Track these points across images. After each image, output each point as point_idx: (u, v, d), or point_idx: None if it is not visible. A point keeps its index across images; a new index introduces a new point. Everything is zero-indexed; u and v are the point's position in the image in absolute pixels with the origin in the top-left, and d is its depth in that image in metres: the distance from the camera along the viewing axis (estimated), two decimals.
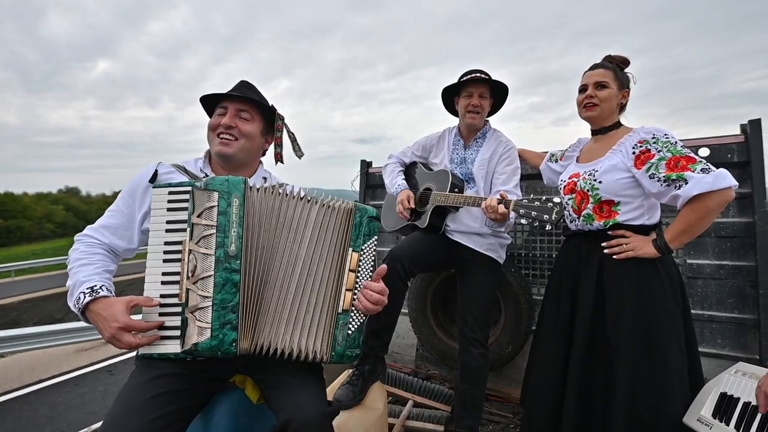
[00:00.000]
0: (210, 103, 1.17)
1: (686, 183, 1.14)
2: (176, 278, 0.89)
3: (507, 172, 1.61)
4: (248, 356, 0.93)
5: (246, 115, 1.12)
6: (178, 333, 0.89)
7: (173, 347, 0.88)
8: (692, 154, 1.20)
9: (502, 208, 1.31)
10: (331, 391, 1.47)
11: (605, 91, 1.36)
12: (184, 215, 0.91)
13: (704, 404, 1.05)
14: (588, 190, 1.34)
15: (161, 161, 1.10)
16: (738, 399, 0.97)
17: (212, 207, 0.89)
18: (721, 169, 1.14)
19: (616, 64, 1.39)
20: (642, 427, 1.15)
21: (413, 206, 1.69)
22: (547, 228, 1.25)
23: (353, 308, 0.96)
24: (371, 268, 1.00)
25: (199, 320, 0.87)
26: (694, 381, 1.23)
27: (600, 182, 1.31)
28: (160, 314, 0.89)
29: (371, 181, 2.59)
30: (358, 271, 0.97)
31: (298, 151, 1.23)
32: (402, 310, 2.33)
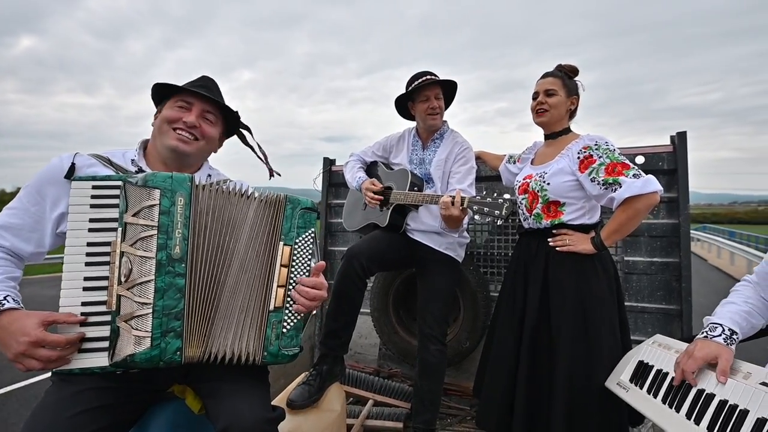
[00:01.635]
0: (164, 92, 1.07)
1: (620, 186, 1.25)
2: (103, 283, 0.81)
3: (461, 172, 1.65)
4: (188, 364, 0.86)
5: (211, 118, 1.07)
6: (105, 344, 0.80)
7: (100, 360, 0.79)
8: (627, 161, 1.30)
9: (457, 204, 1.33)
10: (287, 394, 1.41)
11: (554, 98, 1.44)
12: (112, 213, 0.82)
13: (623, 371, 1.14)
14: (538, 191, 1.43)
15: (78, 152, 0.96)
16: (652, 366, 1.06)
17: (152, 206, 0.81)
18: (650, 176, 1.25)
19: (565, 73, 1.48)
20: (578, 395, 1.25)
21: (381, 187, 1.69)
22: (498, 223, 1.29)
23: (288, 305, 0.91)
24: (308, 263, 0.94)
25: (136, 329, 0.79)
26: None
27: (548, 184, 1.40)
28: (83, 324, 0.79)
29: (334, 180, 2.53)
30: (293, 266, 0.91)
31: (270, 170, 1.19)
32: (364, 310, 2.33)
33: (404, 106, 1.78)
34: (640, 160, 1.94)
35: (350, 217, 1.94)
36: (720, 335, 0.95)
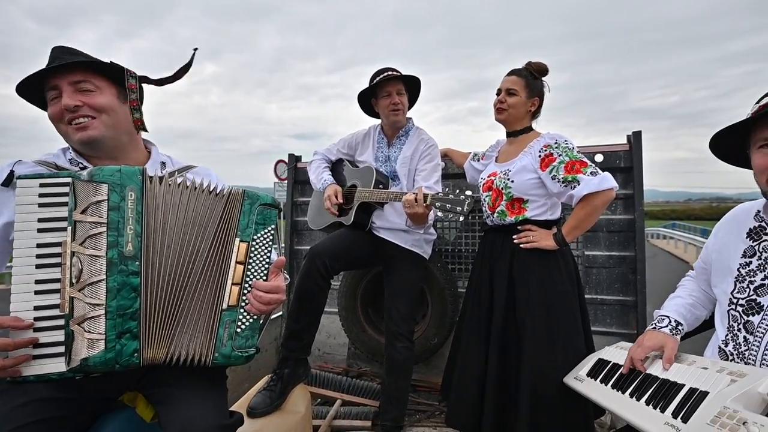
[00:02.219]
0: (33, 91, 0.91)
1: (579, 184, 1.34)
2: (55, 286, 0.78)
3: (427, 169, 1.68)
4: (140, 370, 0.85)
5: (88, 86, 0.89)
6: (62, 349, 0.78)
7: (56, 366, 0.77)
8: (585, 159, 1.39)
9: (420, 203, 1.36)
10: (248, 398, 1.39)
11: (514, 98, 1.50)
12: (61, 212, 0.79)
13: (584, 367, 1.23)
14: (502, 189, 1.50)
15: (21, 159, 0.90)
16: (609, 362, 1.14)
17: (101, 201, 0.79)
18: (606, 173, 1.34)
19: (531, 72, 1.53)
20: (542, 387, 1.31)
21: (341, 201, 1.69)
22: (460, 219, 1.33)
23: (243, 304, 0.89)
24: (267, 261, 0.92)
25: (89, 331, 0.77)
26: (588, 352, 1.42)
27: (512, 181, 1.47)
28: (36, 329, 0.77)
29: (300, 177, 2.52)
30: (249, 264, 0.89)
31: (179, 72, 1.00)
32: (332, 310, 2.33)
33: (368, 102, 1.80)
34: (599, 158, 2.06)
35: (315, 215, 1.95)
36: (667, 326, 1.05)
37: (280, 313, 2.47)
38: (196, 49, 1.07)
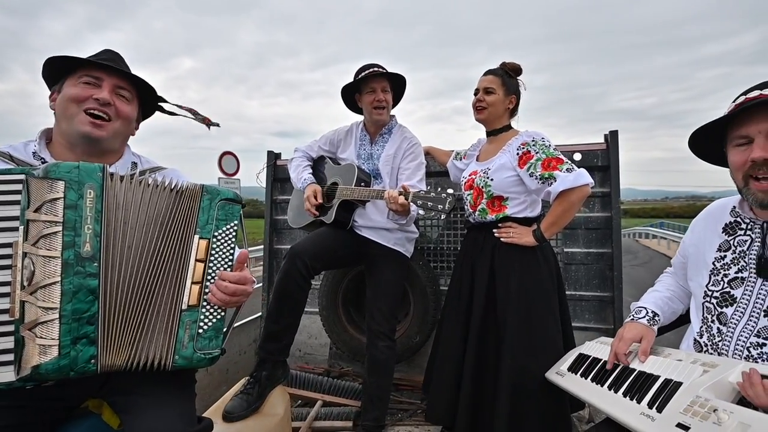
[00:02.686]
0: (62, 67, 0.96)
1: (555, 180, 1.36)
2: (5, 289, 0.74)
3: (411, 168, 1.68)
4: (101, 376, 0.81)
5: (126, 94, 0.99)
6: (10, 357, 0.73)
7: (5, 375, 0.73)
8: (561, 156, 1.41)
9: (401, 199, 1.37)
10: (224, 402, 1.37)
11: (492, 96, 1.52)
12: (14, 210, 0.75)
13: (565, 362, 1.25)
14: (483, 187, 1.51)
15: None
16: (590, 356, 1.17)
17: (56, 199, 0.75)
18: (581, 169, 1.36)
19: (506, 72, 1.55)
20: (521, 381, 1.34)
21: (321, 201, 1.67)
22: (441, 217, 1.34)
23: (206, 304, 0.86)
24: (230, 258, 0.89)
25: (42, 337, 0.73)
26: (567, 348, 1.45)
27: (492, 180, 1.49)
28: None
29: (279, 174, 2.48)
30: (210, 261, 0.86)
31: (204, 121, 1.15)
32: (313, 310, 2.31)
33: (352, 98, 1.79)
34: (577, 156, 2.10)
35: (295, 213, 1.92)
36: (644, 317, 1.08)
37: (259, 314, 2.44)
38: (216, 124, 1.25)
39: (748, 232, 0.95)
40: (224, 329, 0.89)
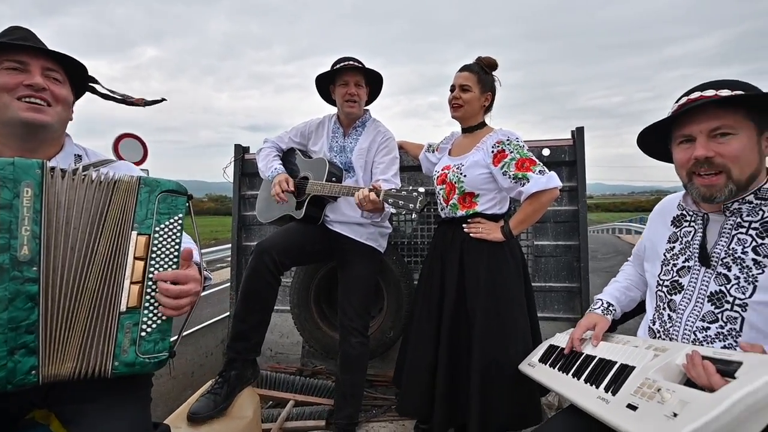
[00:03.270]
0: None
1: (528, 181, 1.40)
2: None
3: (385, 162, 1.68)
4: (44, 386, 0.76)
5: (58, 76, 0.93)
6: None
7: None
8: (534, 157, 1.46)
9: (373, 196, 1.37)
10: (190, 405, 1.33)
11: (468, 94, 1.53)
12: None
13: (536, 353, 1.32)
14: (455, 182, 1.54)
15: None
16: (558, 347, 1.24)
17: None
18: (552, 172, 1.42)
19: (482, 67, 1.56)
20: (492, 377, 1.39)
21: (292, 189, 1.64)
22: (413, 216, 1.36)
23: (148, 305, 0.81)
24: (176, 255, 0.84)
25: None
26: (534, 339, 1.53)
27: (465, 176, 1.51)
28: None
29: (247, 169, 2.41)
30: (152, 259, 0.81)
31: (138, 102, 1.07)
32: (284, 308, 2.28)
33: (327, 89, 1.76)
34: (546, 152, 2.17)
35: (264, 208, 1.88)
36: (599, 308, 1.20)
37: (227, 313, 2.39)
38: (163, 99, 1.17)
39: (692, 224, 1.02)
40: (170, 330, 0.84)
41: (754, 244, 0.89)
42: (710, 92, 0.89)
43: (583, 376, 1.02)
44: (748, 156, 0.88)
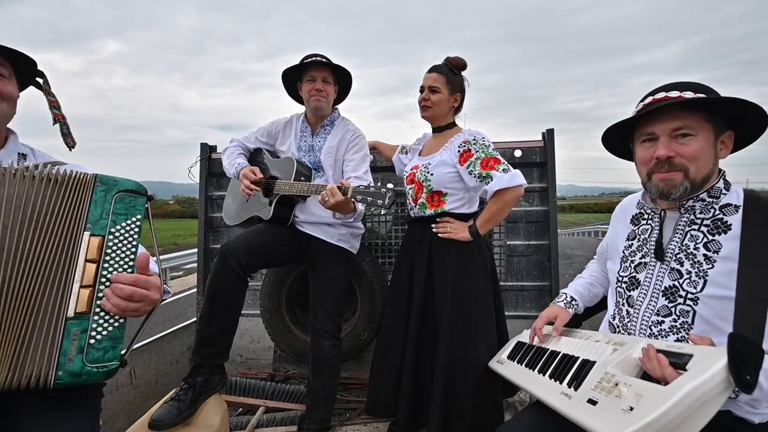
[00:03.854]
0: None
1: (492, 180, 1.43)
2: None
3: (356, 159, 1.67)
4: None
5: (4, 72, 0.90)
6: None
7: None
8: (499, 156, 1.49)
9: (339, 195, 1.36)
10: (152, 414, 1.29)
11: (437, 95, 1.56)
12: None
13: (505, 351, 1.36)
14: (423, 181, 1.56)
15: None
16: (525, 343, 1.28)
17: None
18: (516, 170, 1.46)
19: (451, 69, 1.59)
20: (455, 378, 1.41)
21: (261, 178, 1.62)
22: (382, 212, 1.37)
23: (99, 310, 0.77)
24: (131, 258, 0.81)
25: None
26: (501, 337, 1.57)
27: (432, 174, 1.54)
28: None
29: (214, 169, 2.36)
30: (105, 262, 0.78)
31: (67, 137, 1.03)
32: (254, 312, 2.25)
33: (294, 86, 1.75)
34: (518, 153, 2.24)
35: (231, 210, 1.84)
36: (562, 301, 1.26)
37: (194, 319, 2.33)
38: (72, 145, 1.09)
39: (650, 221, 1.07)
40: (122, 338, 0.80)
41: (705, 240, 0.94)
42: (675, 93, 0.94)
43: (548, 372, 1.05)
44: (705, 157, 0.92)
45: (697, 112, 0.92)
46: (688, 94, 0.92)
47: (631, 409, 0.75)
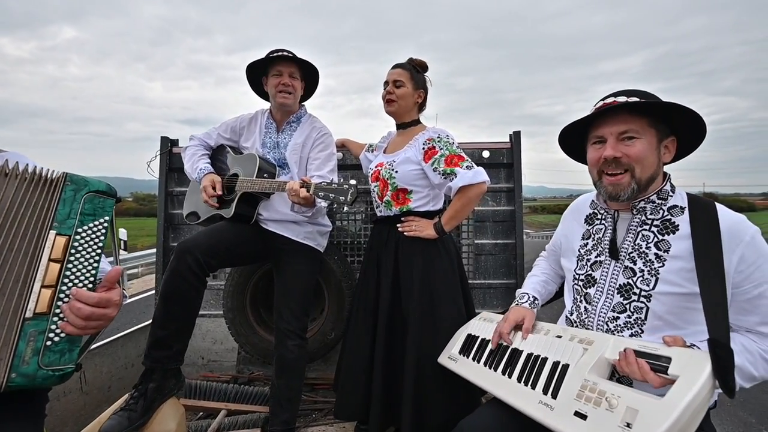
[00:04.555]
0: None
1: (456, 177, 1.47)
2: None
3: (321, 158, 1.67)
4: None
5: None
6: None
7: None
8: (463, 154, 1.53)
9: (303, 192, 1.36)
10: (100, 423, 1.24)
11: (402, 89, 1.59)
12: None
13: (455, 345, 1.35)
14: (388, 179, 1.58)
15: None
16: (478, 337, 1.29)
17: None
18: (479, 168, 1.50)
19: (414, 67, 1.63)
20: (426, 377, 1.42)
21: (220, 193, 1.59)
22: (344, 209, 1.38)
23: (58, 311, 0.76)
24: (95, 260, 0.80)
25: None
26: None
27: (397, 172, 1.56)
28: None
29: (175, 163, 2.29)
30: (69, 263, 0.77)
31: None
32: (216, 312, 2.20)
33: (260, 82, 1.73)
34: (486, 154, 2.30)
35: (192, 207, 1.80)
36: (526, 301, 1.26)
37: (150, 321, 2.26)
38: None
39: (603, 222, 1.13)
40: (81, 341, 0.79)
41: (656, 240, 0.99)
42: (622, 98, 1.00)
43: (515, 374, 1.03)
44: (649, 158, 0.99)
45: (641, 116, 0.99)
46: (634, 100, 0.99)
47: (628, 425, 0.74)
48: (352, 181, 1.39)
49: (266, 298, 2.18)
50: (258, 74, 1.71)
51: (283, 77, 1.62)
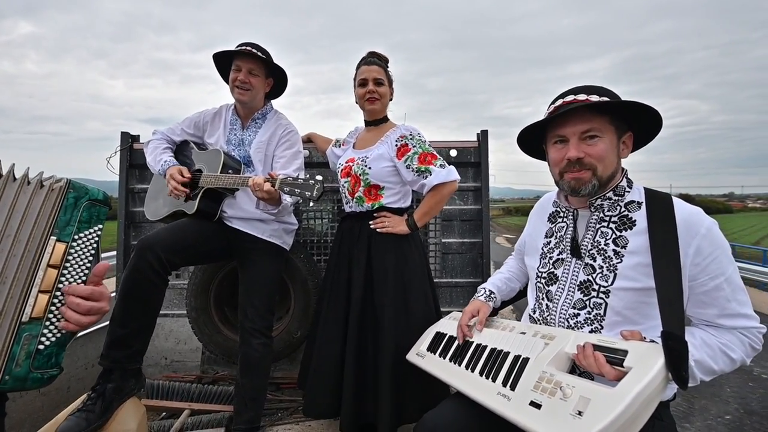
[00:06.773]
0: None
1: (430, 174, 1.57)
2: None
3: (286, 156, 1.70)
4: None
5: None
6: None
7: None
8: (435, 152, 1.63)
9: (267, 186, 1.39)
10: (57, 424, 1.27)
11: (383, 87, 1.68)
12: None
13: (423, 342, 1.38)
14: (360, 175, 1.66)
15: None
16: (446, 334, 1.32)
17: None
18: (451, 166, 1.61)
19: (385, 62, 1.72)
20: (403, 372, 1.49)
21: (189, 178, 1.61)
22: (310, 204, 1.44)
23: (53, 317, 0.79)
24: (87, 267, 0.84)
25: None
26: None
27: (370, 168, 1.64)
28: None
29: (136, 160, 2.30)
30: (66, 269, 0.80)
31: None
32: (180, 312, 2.26)
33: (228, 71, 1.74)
34: (453, 153, 2.42)
35: (153, 204, 1.82)
36: (482, 295, 1.33)
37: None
38: None
39: (565, 220, 1.16)
40: (66, 345, 0.82)
41: (614, 236, 1.02)
42: (582, 96, 1.01)
43: (478, 368, 1.07)
44: (610, 156, 1.01)
45: (602, 114, 1.01)
46: (594, 98, 1.00)
47: (580, 413, 0.77)
48: (318, 177, 1.48)
49: (231, 297, 2.23)
50: (227, 65, 1.73)
51: (241, 73, 1.65)
